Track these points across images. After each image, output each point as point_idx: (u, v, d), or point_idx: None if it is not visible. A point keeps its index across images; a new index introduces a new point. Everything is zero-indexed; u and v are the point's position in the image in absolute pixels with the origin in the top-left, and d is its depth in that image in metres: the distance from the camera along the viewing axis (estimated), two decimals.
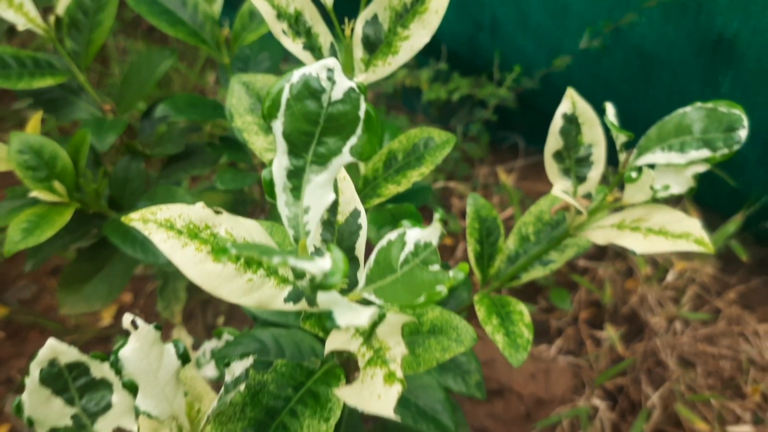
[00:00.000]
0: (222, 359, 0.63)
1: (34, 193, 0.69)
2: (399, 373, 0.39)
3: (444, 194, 1.52)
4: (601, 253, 1.37)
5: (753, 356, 1.14)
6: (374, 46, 0.65)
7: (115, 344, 0.42)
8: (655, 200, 0.56)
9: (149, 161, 0.85)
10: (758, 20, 0.97)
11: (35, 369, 0.37)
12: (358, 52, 0.64)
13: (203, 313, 1.11)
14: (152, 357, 0.44)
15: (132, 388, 0.39)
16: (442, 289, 0.35)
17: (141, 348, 0.44)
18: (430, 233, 0.38)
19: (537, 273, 0.66)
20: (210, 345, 0.78)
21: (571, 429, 1.08)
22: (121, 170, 0.79)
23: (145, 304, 1.37)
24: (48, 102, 0.83)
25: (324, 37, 0.65)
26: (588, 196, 0.61)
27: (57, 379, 0.38)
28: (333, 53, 0.66)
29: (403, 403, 0.62)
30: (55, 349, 0.37)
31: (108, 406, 0.40)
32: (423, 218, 0.74)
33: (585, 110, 0.59)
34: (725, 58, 1.03)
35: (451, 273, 0.35)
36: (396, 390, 0.38)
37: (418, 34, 0.62)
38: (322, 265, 0.32)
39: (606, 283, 1.27)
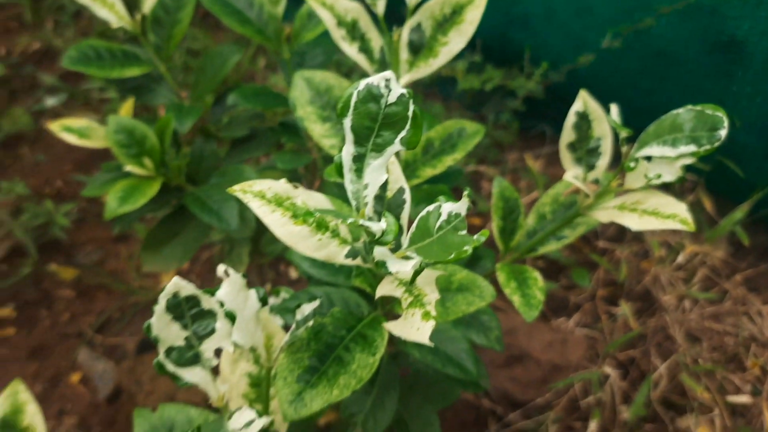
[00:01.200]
0: (283, 310, 0.76)
1: (128, 168, 0.82)
2: (433, 312, 0.51)
3: (475, 177, 1.63)
4: (619, 235, 1.47)
5: (755, 334, 1.24)
6: (418, 49, 0.76)
7: None
8: (651, 186, 0.67)
9: (219, 142, 0.98)
10: (766, 24, 1.06)
11: (163, 299, 0.50)
12: (404, 54, 0.76)
13: (258, 278, 1.24)
14: (240, 298, 0.57)
15: (232, 318, 0.52)
16: (468, 249, 0.46)
17: (232, 291, 0.56)
18: (460, 206, 0.49)
19: (551, 246, 0.77)
20: (270, 300, 0.90)
21: (584, 392, 1.20)
22: (197, 150, 0.92)
23: (201, 271, 1.51)
24: (134, 89, 0.96)
25: (375, 41, 0.76)
26: (596, 182, 0.72)
27: (177, 307, 0.51)
28: (382, 55, 0.77)
29: (434, 351, 0.74)
30: (177, 284, 0.50)
31: (212, 331, 0.53)
32: (455, 198, 0.86)
33: (594, 108, 0.70)
34: (735, 57, 1.12)
35: (475, 237, 0.47)
36: (430, 325, 0.50)
37: (455, 41, 0.73)
38: (380, 225, 0.44)
39: (622, 263, 1.38)
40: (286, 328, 0.69)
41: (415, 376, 0.93)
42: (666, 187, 1.20)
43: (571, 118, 0.70)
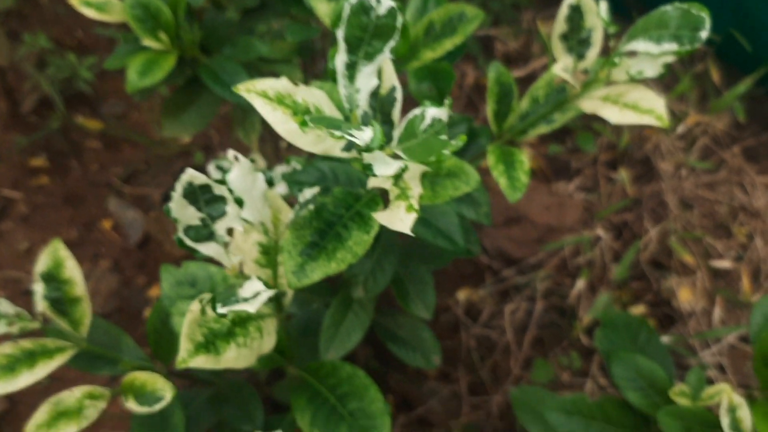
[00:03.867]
0: (291, 182, 0.84)
1: (146, 42, 0.87)
2: (416, 206, 0.57)
3: (487, 42, 1.63)
4: None
5: (745, 203, 1.30)
6: None
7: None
8: (635, 80, 0.70)
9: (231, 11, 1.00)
10: None
11: (179, 187, 0.57)
12: None
13: (272, 139, 1.30)
14: (248, 181, 0.64)
15: (240, 203, 0.59)
16: (447, 152, 0.52)
17: (241, 174, 0.63)
18: (442, 112, 0.54)
19: (542, 129, 0.82)
20: (281, 169, 0.97)
21: (575, 253, 1.29)
22: (210, 21, 0.95)
23: (219, 125, 1.58)
24: None
25: None
26: (585, 72, 0.75)
27: (192, 194, 0.58)
28: None
29: (425, 224, 0.81)
30: (191, 175, 0.56)
31: (224, 213, 0.60)
32: (453, 76, 0.89)
33: (587, 1, 0.72)
34: None
35: (453, 141, 0.52)
36: (412, 216, 0.57)
37: None
38: (366, 136, 0.50)
39: (625, 130, 1.42)
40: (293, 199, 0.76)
41: (412, 242, 1.02)
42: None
43: (564, 10, 0.72)
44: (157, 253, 1.37)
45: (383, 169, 0.53)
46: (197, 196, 0.58)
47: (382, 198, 0.72)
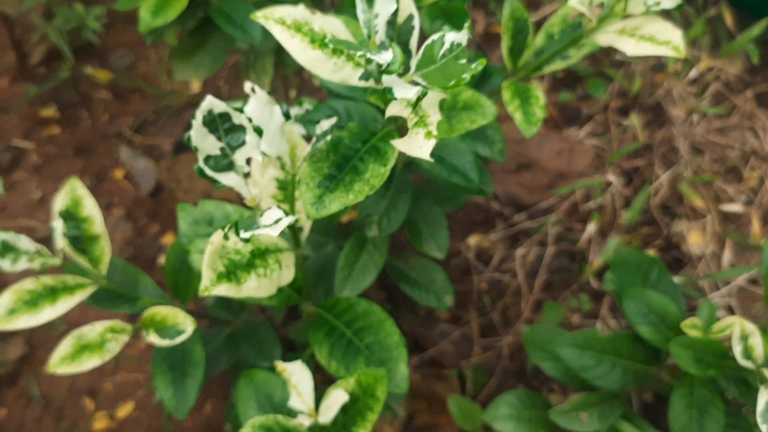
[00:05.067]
0: (305, 121, 0.84)
1: None
2: (434, 132, 0.58)
3: None
4: None
5: (756, 148, 1.30)
6: None
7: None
8: (651, 12, 0.70)
9: None
10: None
11: (199, 115, 0.57)
12: None
13: (283, 85, 1.30)
14: (266, 113, 0.64)
15: (259, 132, 0.60)
16: (467, 77, 0.52)
17: (258, 106, 0.63)
18: (462, 36, 0.54)
19: (557, 66, 0.82)
20: (294, 111, 0.98)
21: (586, 198, 1.29)
22: None
23: (228, 76, 1.57)
24: None
25: None
26: (601, 5, 0.75)
27: (212, 122, 0.58)
28: None
29: (440, 161, 0.82)
30: (211, 102, 0.57)
31: (243, 143, 0.61)
32: (467, 16, 0.89)
33: None
34: None
35: (473, 65, 0.53)
36: (431, 143, 0.57)
37: None
38: (387, 56, 0.50)
39: (637, 76, 1.41)
40: (308, 138, 0.77)
41: (426, 183, 1.02)
42: (689, 1, 1.20)
43: None
44: (170, 202, 1.38)
45: (403, 92, 0.53)
46: (217, 124, 0.59)
47: (398, 133, 0.73)
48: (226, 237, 0.58)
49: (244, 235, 0.55)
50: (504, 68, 0.93)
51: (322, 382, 1.00)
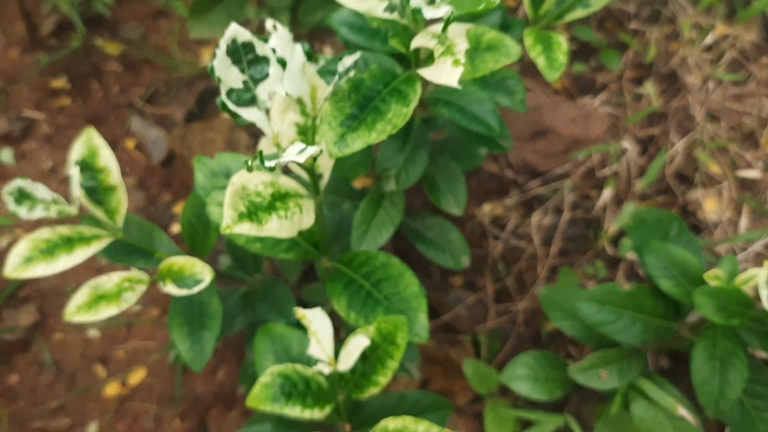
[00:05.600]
0: (325, 72, 0.83)
1: None
2: (462, 60, 0.57)
3: None
4: (653, 17, 1.47)
5: None
6: None
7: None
8: None
9: None
10: None
11: (223, 44, 0.57)
12: None
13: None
14: (288, 51, 0.63)
15: (283, 63, 0.59)
16: (496, 0, 0.52)
17: (281, 43, 0.63)
18: None
19: (578, 14, 0.81)
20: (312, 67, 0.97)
21: (601, 165, 1.28)
22: None
23: None
24: None
25: None
26: None
27: (235, 52, 0.58)
28: None
29: (461, 110, 0.81)
30: (236, 30, 0.56)
31: (266, 75, 0.60)
32: None
33: None
34: None
35: None
36: (459, 70, 0.56)
37: None
38: None
39: (652, 44, 1.40)
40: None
41: (444, 141, 1.01)
42: None
43: None
44: (182, 171, 1.37)
45: (432, 12, 0.52)
46: (240, 55, 0.58)
47: (420, 78, 0.72)
48: (249, 169, 0.57)
49: (269, 163, 0.54)
50: (523, 21, 0.92)
51: (338, 343, 1.00)
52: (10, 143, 1.42)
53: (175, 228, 1.34)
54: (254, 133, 1.37)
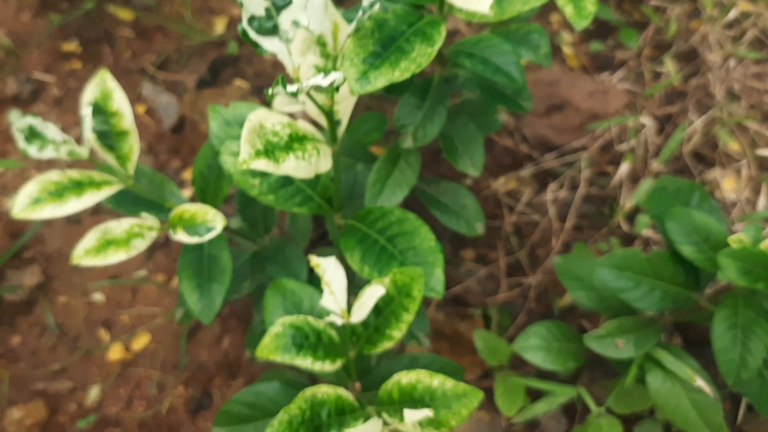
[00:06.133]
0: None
1: None
2: None
3: None
4: None
5: None
6: None
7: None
8: None
9: None
10: None
11: None
12: None
13: None
14: None
15: None
16: None
17: None
18: None
19: None
20: None
21: (618, 140, 1.26)
22: None
23: None
24: None
25: None
26: None
27: None
28: None
29: (484, 62, 0.79)
30: None
31: (289, 2, 0.58)
32: None
33: None
34: None
35: None
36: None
37: None
38: None
39: (672, 21, 1.38)
40: None
41: (462, 104, 0.99)
42: None
43: None
44: (192, 138, 1.36)
45: None
46: None
47: (444, 21, 0.70)
48: (270, 98, 0.55)
49: (291, 88, 0.53)
50: None
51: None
52: (19, 105, 1.40)
53: (186, 193, 1.32)
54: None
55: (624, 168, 1.21)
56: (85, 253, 0.75)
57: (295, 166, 0.64)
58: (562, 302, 1.17)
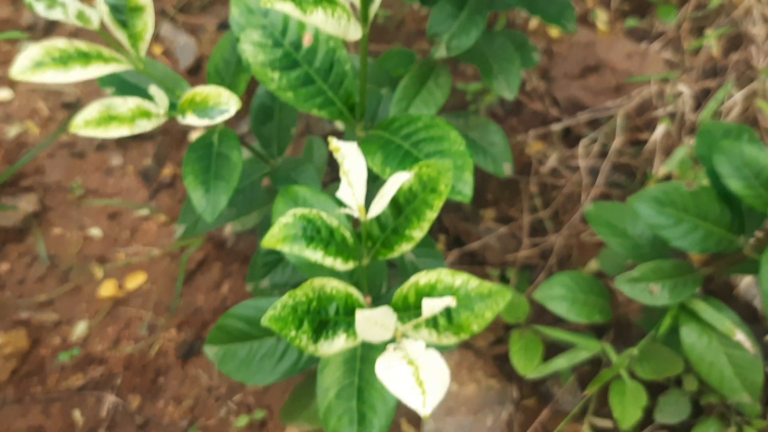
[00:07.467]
0: None
1: None
2: None
3: None
4: None
5: None
6: None
7: None
8: None
9: None
10: None
11: None
12: None
13: None
14: None
15: None
16: None
17: None
18: None
19: None
20: None
21: (656, 100, 1.20)
22: None
23: None
24: None
25: None
26: None
27: None
28: None
29: None
30: None
31: None
32: None
33: None
34: None
35: None
36: None
37: None
38: None
39: None
40: None
41: (499, 33, 0.94)
42: None
43: None
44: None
45: None
46: None
47: None
48: None
49: None
50: None
51: None
52: (34, 36, 1.36)
53: (195, 136, 1.26)
54: None
55: (659, 131, 1.14)
56: (84, 124, 0.69)
57: (324, 20, 0.58)
58: (586, 270, 1.10)
